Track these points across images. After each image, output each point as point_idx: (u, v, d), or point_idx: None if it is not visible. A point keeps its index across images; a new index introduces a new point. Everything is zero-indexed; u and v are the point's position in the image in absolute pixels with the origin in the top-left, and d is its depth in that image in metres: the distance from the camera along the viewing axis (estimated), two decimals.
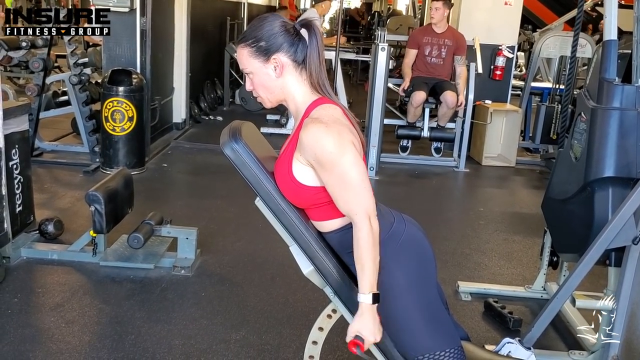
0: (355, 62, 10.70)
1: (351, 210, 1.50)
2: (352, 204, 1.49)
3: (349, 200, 1.49)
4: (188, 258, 3.21)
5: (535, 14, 11.49)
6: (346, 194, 1.49)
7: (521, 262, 3.64)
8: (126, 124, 4.68)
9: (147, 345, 2.48)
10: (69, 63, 5.07)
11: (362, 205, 1.49)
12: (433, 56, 5.51)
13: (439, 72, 5.55)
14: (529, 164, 6.06)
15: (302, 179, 1.55)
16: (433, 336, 1.65)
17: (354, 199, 1.49)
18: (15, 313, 2.67)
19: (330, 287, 1.63)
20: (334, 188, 1.50)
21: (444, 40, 5.48)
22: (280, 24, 1.58)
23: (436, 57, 5.50)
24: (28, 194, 3.33)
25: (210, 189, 4.68)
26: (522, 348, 2.19)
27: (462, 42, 5.53)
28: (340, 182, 1.49)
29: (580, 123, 2.58)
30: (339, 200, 1.51)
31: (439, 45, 5.49)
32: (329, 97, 1.61)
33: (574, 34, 2.96)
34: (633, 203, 2.12)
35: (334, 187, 1.50)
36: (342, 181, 1.48)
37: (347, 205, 1.50)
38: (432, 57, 5.51)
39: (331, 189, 1.51)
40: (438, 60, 5.50)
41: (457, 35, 5.56)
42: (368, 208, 1.49)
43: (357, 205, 1.49)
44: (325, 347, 1.80)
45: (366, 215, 1.48)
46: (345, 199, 1.50)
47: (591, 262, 2.25)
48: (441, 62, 5.51)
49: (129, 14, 4.91)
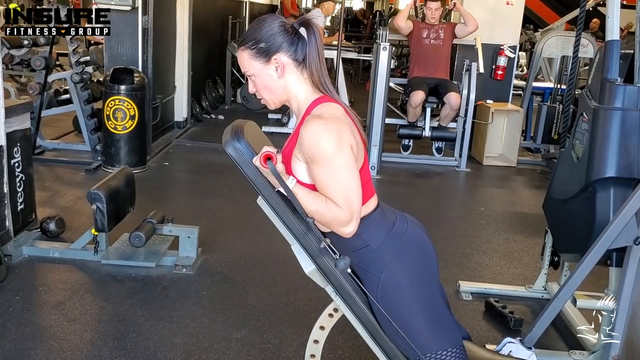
0: (357, 61, 10.69)
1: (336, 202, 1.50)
2: (337, 199, 1.49)
3: (335, 195, 1.49)
4: (189, 257, 3.22)
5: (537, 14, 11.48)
6: (332, 193, 1.49)
7: (522, 261, 3.64)
8: (128, 123, 4.68)
9: (149, 344, 2.48)
10: (70, 61, 5.08)
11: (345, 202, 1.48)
12: (431, 38, 5.55)
13: (439, 58, 5.55)
14: (530, 163, 6.06)
15: (302, 177, 1.55)
16: (435, 336, 1.65)
17: (340, 194, 1.49)
18: (17, 311, 2.68)
19: (331, 286, 1.63)
20: (323, 182, 1.50)
21: (440, 25, 5.61)
22: (279, 24, 1.58)
23: (434, 38, 5.55)
24: (30, 192, 3.34)
25: (212, 187, 4.68)
26: (523, 348, 2.19)
27: (455, 24, 5.70)
28: (329, 180, 1.49)
29: (582, 123, 2.58)
30: (327, 194, 1.51)
31: (436, 29, 5.58)
32: (330, 95, 1.60)
33: (576, 33, 2.96)
34: (635, 203, 2.12)
35: (322, 182, 1.50)
36: (332, 181, 1.48)
37: (334, 199, 1.50)
38: (430, 39, 5.56)
39: (319, 183, 1.51)
40: (437, 41, 5.54)
41: (449, 23, 5.72)
42: (354, 210, 1.49)
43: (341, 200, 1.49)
44: (327, 346, 1.80)
45: (350, 214, 1.49)
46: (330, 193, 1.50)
47: (592, 262, 2.25)
48: (440, 42, 5.55)
49: (131, 13, 4.92)
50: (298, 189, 1.51)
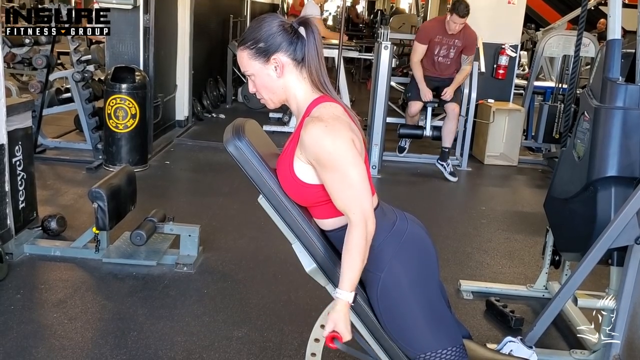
0: (358, 61, 10.69)
1: (348, 209, 1.49)
2: (349, 204, 1.49)
3: (347, 199, 1.49)
4: (190, 255, 3.22)
5: (538, 13, 11.47)
6: (344, 193, 1.49)
7: (523, 261, 3.64)
8: (129, 121, 4.68)
9: (150, 342, 2.49)
10: (72, 60, 5.08)
11: (359, 206, 1.48)
12: (441, 55, 5.38)
13: (445, 71, 5.45)
14: (532, 163, 6.06)
15: (303, 177, 1.55)
16: (435, 334, 1.65)
17: (351, 198, 1.48)
18: (18, 309, 2.68)
19: (332, 285, 1.63)
20: (332, 187, 1.50)
21: (454, 41, 5.31)
22: (278, 23, 1.57)
23: (444, 56, 5.38)
24: (31, 191, 3.34)
25: (213, 186, 4.69)
26: (524, 347, 2.19)
27: (472, 41, 5.34)
28: (338, 182, 1.48)
29: (584, 122, 2.58)
30: (336, 199, 1.51)
31: (449, 46, 5.33)
32: (329, 95, 1.60)
33: (577, 33, 2.96)
34: (636, 202, 2.12)
35: (332, 186, 1.50)
36: (341, 181, 1.48)
37: (345, 204, 1.50)
38: (439, 57, 5.39)
39: (330, 188, 1.51)
40: (445, 60, 5.38)
41: (468, 33, 5.30)
42: (365, 209, 1.49)
43: (355, 205, 1.48)
44: None
45: (363, 216, 1.48)
46: (343, 198, 1.50)
47: (593, 261, 2.25)
48: (448, 61, 5.39)
49: (132, 11, 4.92)
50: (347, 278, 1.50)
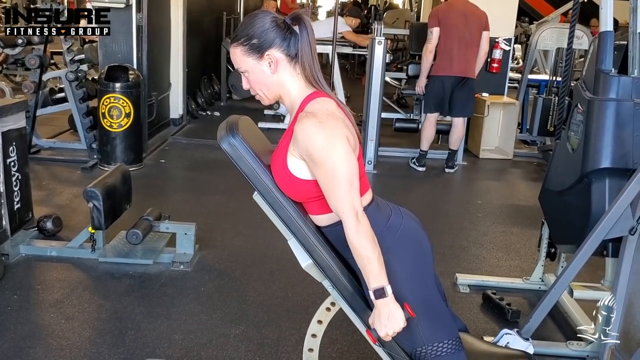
0: (352, 56, 10.67)
1: (339, 208, 1.50)
2: (340, 201, 1.49)
3: (337, 196, 1.49)
4: (187, 253, 3.22)
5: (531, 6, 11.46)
6: (334, 191, 1.49)
7: (519, 253, 3.65)
8: (123, 120, 4.67)
9: (147, 341, 2.49)
10: (65, 60, 5.06)
11: (349, 203, 1.48)
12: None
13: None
14: (527, 156, 6.07)
15: (297, 173, 1.55)
16: (431, 328, 1.65)
17: (341, 195, 1.48)
18: (15, 310, 2.67)
19: (328, 280, 1.63)
20: (324, 184, 1.50)
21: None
22: (270, 19, 1.57)
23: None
24: (26, 191, 3.33)
25: (209, 184, 4.68)
26: (520, 339, 2.20)
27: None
28: (329, 178, 1.48)
29: (577, 115, 2.59)
30: (329, 196, 1.51)
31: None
32: (323, 91, 1.60)
33: (570, 25, 2.97)
34: (630, 193, 2.13)
35: (324, 182, 1.50)
36: (332, 177, 1.48)
37: (336, 203, 1.50)
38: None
39: (322, 185, 1.51)
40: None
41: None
42: (355, 205, 1.49)
43: (345, 202, 1.48)
44: (325, 339, 1.80)
45: (354, 213, 1.48)
46: (333, 196, 1.50)
47: (588, 252, 2.26)
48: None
49: (125, 10, 4.90)
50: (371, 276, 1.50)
